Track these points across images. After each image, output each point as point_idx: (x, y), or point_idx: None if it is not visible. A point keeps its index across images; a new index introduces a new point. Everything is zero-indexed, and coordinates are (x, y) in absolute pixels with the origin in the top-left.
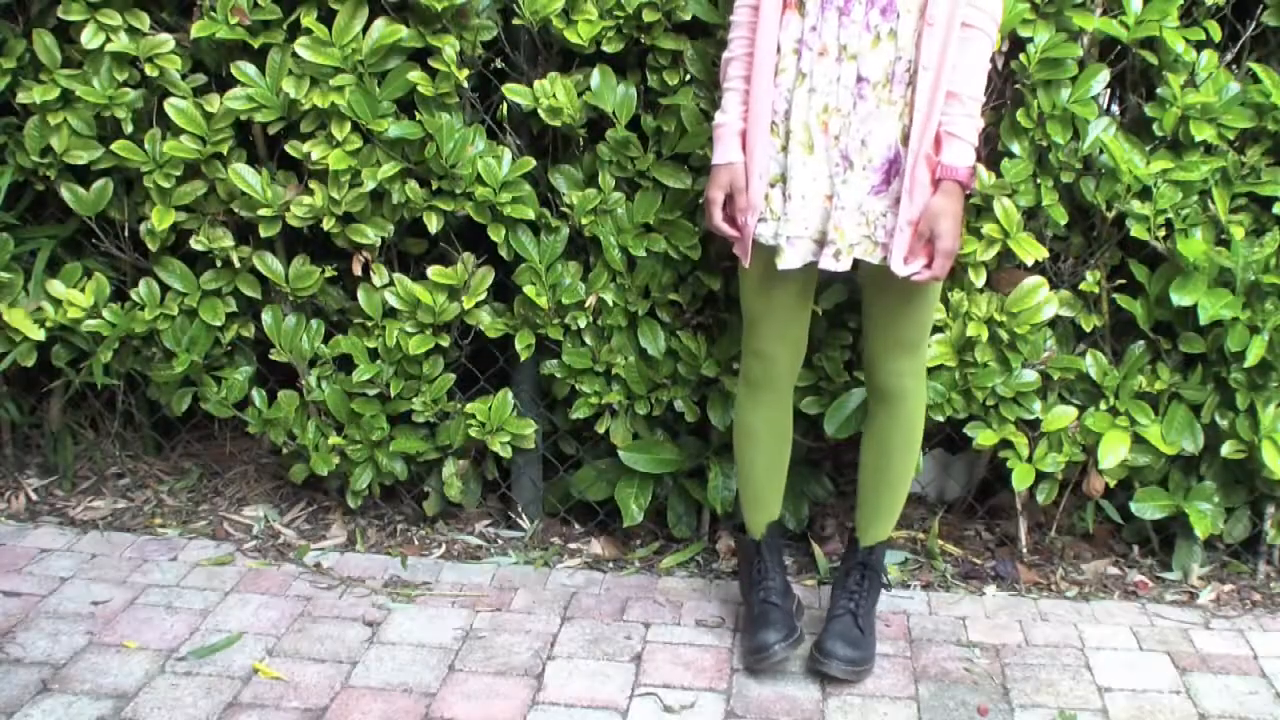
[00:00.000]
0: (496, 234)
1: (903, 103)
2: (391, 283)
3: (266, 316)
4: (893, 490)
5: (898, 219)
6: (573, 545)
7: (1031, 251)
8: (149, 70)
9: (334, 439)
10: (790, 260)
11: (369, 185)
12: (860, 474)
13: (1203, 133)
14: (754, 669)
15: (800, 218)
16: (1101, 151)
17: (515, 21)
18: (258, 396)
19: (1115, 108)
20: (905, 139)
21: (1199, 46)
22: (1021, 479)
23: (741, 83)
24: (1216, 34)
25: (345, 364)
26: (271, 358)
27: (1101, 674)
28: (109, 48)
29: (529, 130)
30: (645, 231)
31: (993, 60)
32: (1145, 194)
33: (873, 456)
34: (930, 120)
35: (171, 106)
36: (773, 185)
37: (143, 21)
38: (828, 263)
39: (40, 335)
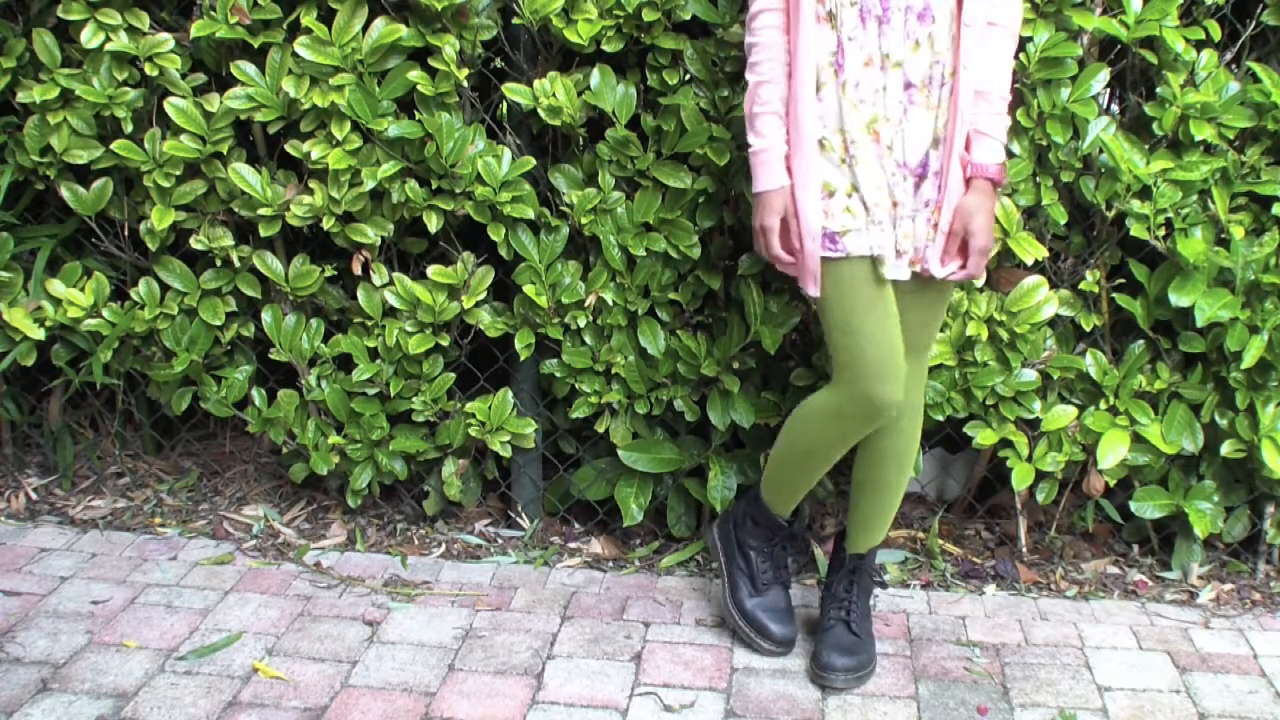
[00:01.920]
0: (496, 233)
1: (938, 106)
2: (391, 282)
3: (266, 316)
4: (886, 500)
5: (934, 221)
6: (573, 545)
7: (1031, 251)
8: (149, 70)
9: (334, 438)
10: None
11: (369, 184)
12: (854, 483)
13: (1202, 132)
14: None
15: (880, 228)
16: (1101, 151)
17: (515, 21)
18: (257, 396)
19: (1115, 107)
20: (935, 142)
21: (1199, 46)
22: (1021, 478)
23: (779, 104)
24: (1216, 33)
25: (345, 363)
26: (271, 357)
27: (1101, 673)
28: (109, 47)
29: (529, 129)
30: (645, 231)
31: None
32: (1145, 193)
33: (866, 466)
34: (965, 121)
35: (171, 106)
36: (849, 195)
37: (142, 21)
38: (896, 271)
39: (40, 334)
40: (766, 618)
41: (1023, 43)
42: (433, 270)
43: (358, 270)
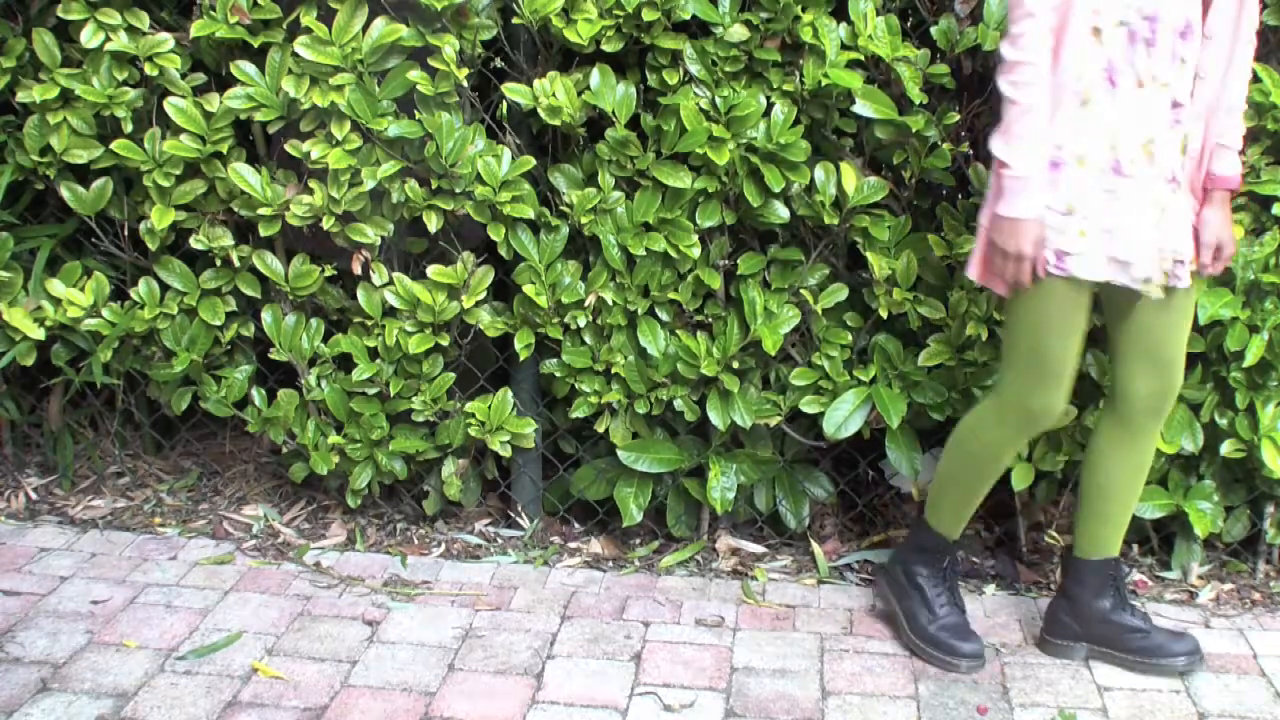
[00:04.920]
0: (496, 233)
1: (1193, 120)
2: (391, 282)
3: (266, 315)
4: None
5: (1192, 232)
6: (572, 544)
7: None
8: (149, 69)
9: (333, 438)
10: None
11: (369, 184)
12: (1085, 491)
13: None
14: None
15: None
16: None
17: (515, 20)
18: (257, 395)
19: None
20: (1182, 150)
21: None
22: (1021, 478)
23: (1044, 129)
24: None
25: (345, 363)
26: (271, 357)
27: (1101, 673)
28: (109, 47)
29: (529, 129)
30: (645, 230)
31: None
32: None
33: (1101, 473)
34: (1210, 131)
35: (171, 105)
36: (1067, 214)
37: (142, 21)
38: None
39: (40, 334)
40: (951, 637)
41: None
42: (432, 270)
43: (357, 270)
